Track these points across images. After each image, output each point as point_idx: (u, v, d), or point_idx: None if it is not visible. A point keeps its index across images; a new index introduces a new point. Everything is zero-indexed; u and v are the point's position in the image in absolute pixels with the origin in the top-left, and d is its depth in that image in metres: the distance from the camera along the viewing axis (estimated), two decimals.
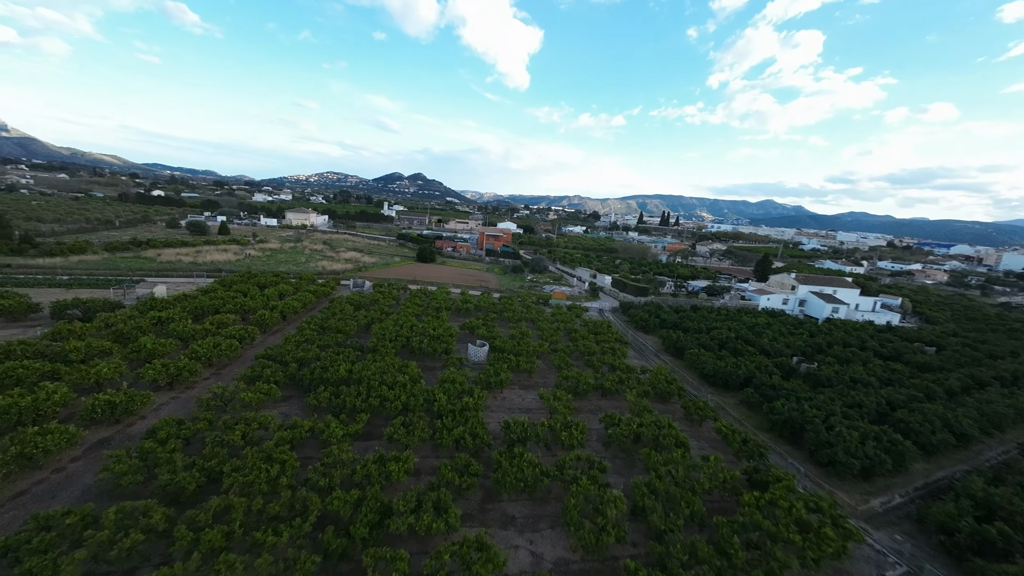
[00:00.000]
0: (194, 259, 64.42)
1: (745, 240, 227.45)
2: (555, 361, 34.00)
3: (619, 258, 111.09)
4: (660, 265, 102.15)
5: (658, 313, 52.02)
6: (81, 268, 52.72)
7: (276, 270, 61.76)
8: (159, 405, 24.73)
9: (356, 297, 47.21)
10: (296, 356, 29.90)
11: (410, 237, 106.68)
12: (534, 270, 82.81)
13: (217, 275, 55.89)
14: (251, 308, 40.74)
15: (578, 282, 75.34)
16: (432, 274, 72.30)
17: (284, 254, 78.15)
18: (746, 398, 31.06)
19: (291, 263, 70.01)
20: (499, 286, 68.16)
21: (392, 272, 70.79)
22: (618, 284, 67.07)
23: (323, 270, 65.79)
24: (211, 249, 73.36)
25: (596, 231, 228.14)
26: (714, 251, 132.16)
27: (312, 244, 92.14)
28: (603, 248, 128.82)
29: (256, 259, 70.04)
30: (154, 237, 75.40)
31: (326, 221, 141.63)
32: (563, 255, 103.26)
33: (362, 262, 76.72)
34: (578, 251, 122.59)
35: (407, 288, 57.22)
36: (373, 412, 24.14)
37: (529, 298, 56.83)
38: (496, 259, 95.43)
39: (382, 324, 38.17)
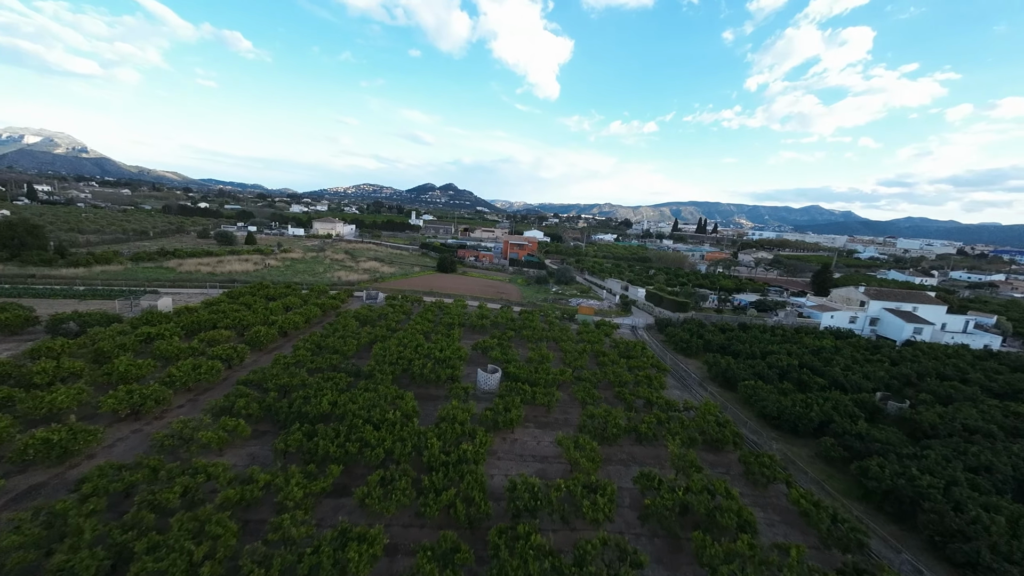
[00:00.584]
0: (213, 269, 63.85)
1: (792, 248, 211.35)
2: (578, 394, 28.58)
3: (653, 268, 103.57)
4: (699, 276, 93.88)
5: (701, 333, 45.33)
6: (101, 278, 52.60)
7: (290, 281, 59.93)
8: (115, 441, 21.48)
9: (364, 312, 43.76)
10: (279, 382, 26.22)
11: (432, 246, 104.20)
12: (560, 281, 77.43)
13: (230, 286, 54.48)
14: (250, 323, 37.97)
15: (608, 295, 69.23)
16: (451, 285, 68.55)
17: (304, 264, 77.01)
18: (824, 450, 24.36)
19: (308, 273, 68.36)
20: (521, 299, 63.32)
21: (409, 283, 67.62)
22: (653, 298, 60.54)
23: (338, 281, 63.48)
24: (233, 259, 73.15)
25: (628, 239, 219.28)
26: (759, 260, 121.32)
27: (334, 254, 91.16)
28: (635, 257, 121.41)
29: (274, 269, 68.92)
30: (181, 247, 76.30)
31: (353, 231, 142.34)
32: (592, 265, 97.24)
33: (380, 272, 74.19)
34: (608, 260, 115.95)
35: (421, 301, 53.50)
36: (350, 461, 19.75)
37: (553, 313, 51.60)
38: (520, 269, 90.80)
39: (384, 344, 34.21)
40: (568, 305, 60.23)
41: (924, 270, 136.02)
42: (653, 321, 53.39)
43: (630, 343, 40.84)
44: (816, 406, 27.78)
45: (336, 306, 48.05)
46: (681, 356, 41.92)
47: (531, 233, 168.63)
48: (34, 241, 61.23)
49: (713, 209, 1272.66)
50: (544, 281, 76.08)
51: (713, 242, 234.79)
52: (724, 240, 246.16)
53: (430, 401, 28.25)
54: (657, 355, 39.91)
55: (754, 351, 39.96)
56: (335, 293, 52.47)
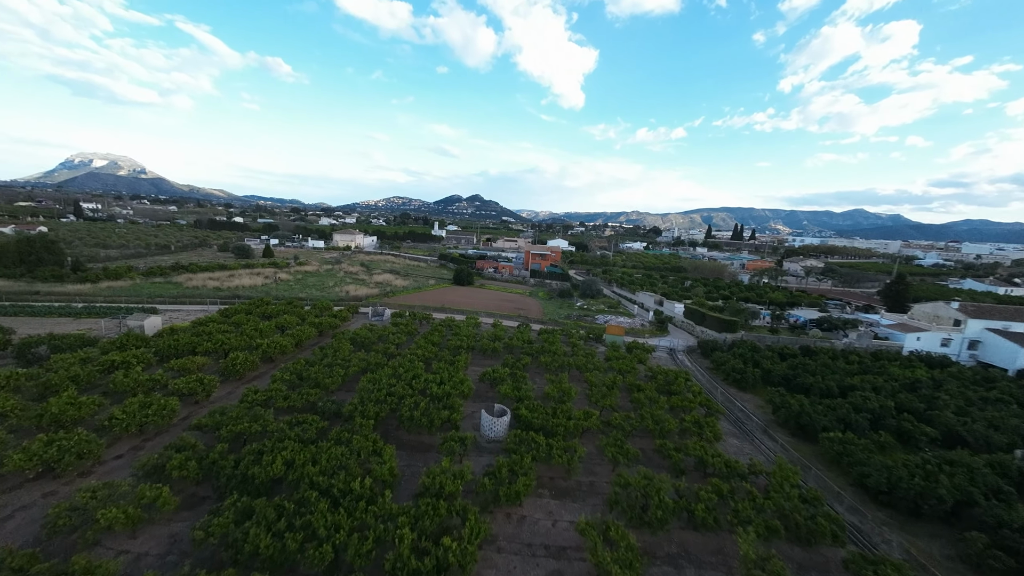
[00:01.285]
0: (221, 284, 61.56)
1: (841, 255, 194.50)
2: (608, 449, 22.13)
3: (689, 279, 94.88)
4: (742, 288, 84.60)
5: (756, 359, 37.71)
6: (105, 295, 50.81)
7: (296, 296, 56.55)
8: (15, 511, 17.00)
9: (363, 333, 38.99)
10: (235, 429, 21.34)
11: (451, 258, 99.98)
12: (585, 295, 70.76)
13: (232, 302, 51.53)
14: (233, 346, 33.88)
15: (640, 310, 61.97)
16: (466, 300, 63.39)
17: (316, 277, 74.15)
18: (975, 554, 16.77)
19: (318, 287, 65.11)
20: (542, 315, 57.21)
21: (422, 298, 62.97)
22: (694, 314, 52.94)
23: (346, 296, 59.62)
24: (245, 273, 71.15)
25: (658, 247, 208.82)
26: (810, 269, 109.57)
27: (349, 266, 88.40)
28: (668, 267, 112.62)
29: (284, 284, 66.12)
30: (196, 262, 75.26)
31: (373, 242, 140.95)
32: (620, 276, 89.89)
33: (392, 286, 70.11)
34: (638, 271, 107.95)
35: (430, 318, 48.46)
36: (286, 563, 14.27)
37: (577, 333, 45.24)
38: (542, 281, 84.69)
39: (375, 375, 29.05)
40: (594, 323, 53.57)
41: (1005, 278, 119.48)
42: (695, 343, 45.92)
43: (670, 373, 33.89)
44: (944, 476, 20.08)
45: (335, 325, 43.68)
46: (734, 390, 34.49)
47: (555, 242, 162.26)
48: (51, 257, 60.94)
49: (747, 215, 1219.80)
50: (568, 294, 69.63)
51: (751, 249, 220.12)
52: (764, 247, 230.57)
53: (419, 453, 22.65)
54: (705, 389, 32.74)
55: (828, 386, 32.09)
56: (339, 310, 48.33)
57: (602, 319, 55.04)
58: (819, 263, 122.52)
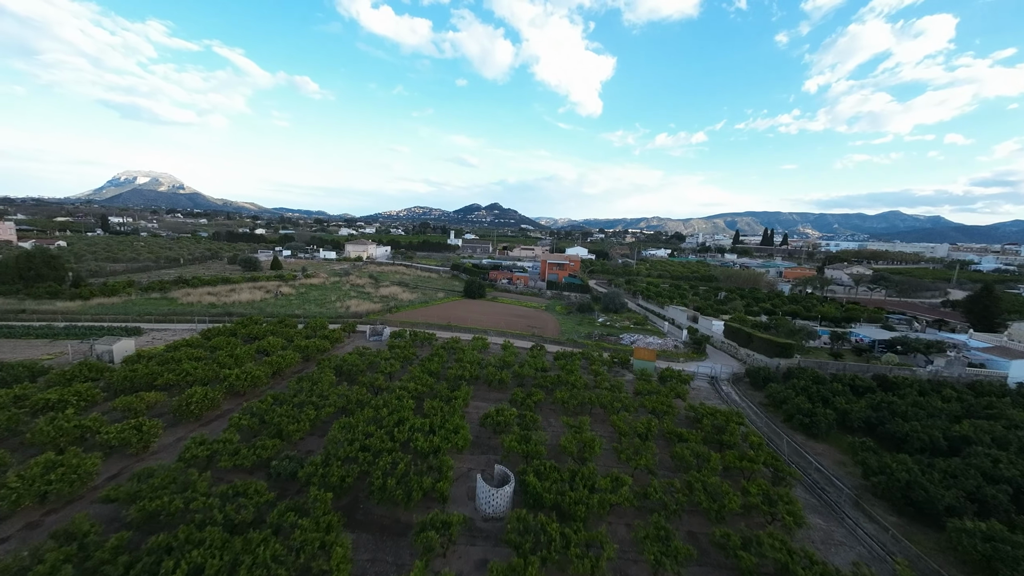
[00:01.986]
0: (218, 299, 58.22)
1: (885, 259, 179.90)
2: (649, 549, 15.78)
3: (722, 289, 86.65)
4: (784, 299, 75.97)
5: (824, 394, 30.48)
6: (91, 313, 47.86)
7: (293, 312, 52.45)
8: None
9: (352, 359, 33.91)
10: (151, 507, 16.22)
11: (463, 268, 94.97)
12: (608, 308, 64.11)
13: (225, 320, 47.81)
14: (199, 378, 29.31)
15: (671, 328, 54.91)
16: (475, 315, 57.89)
17: (320, 291, 70.34)
18: None
19: (318, 302, 61.06)
20: (559, 333, 51.08)
21: (427, 313, 57.84)
22: (737, 334, 45.69)
23: (346, 311, 55.10)
24: (247, 287, 67.99)
25: (683, 254, 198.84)
26: (858, 277, 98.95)
27: (357, 278, 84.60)
28: (697, 276, 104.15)
29: (284, 299, 62.40)
30: (200, 275, 72.81)
31: (386, 253, 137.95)
32: (646, 287, 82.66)
33: (398, 300, 65.42)
34: (664, 280, 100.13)
35: (433, 339, 43.14)
36: None
37: (599, 356, 38.97)
38: (560, 293, 78.38)
39: (352, 419, 23.72)
40: (619, 343, 47.03)
41: None
42: (741, 370, 38.79)
43: (718, 414, 27.21)
44: None
45: (325, 348, 38.81)
46: (802, 437, 27.40)
47: (573, 250, 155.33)
48: (51, 272, 59.06)
49: (773, 219, 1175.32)
50: (588, 309, 63.14)
51: (785, 255, 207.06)
52: (798, 253, 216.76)
53: (391, 539, 16.97)
54: (765, 438, 25.84)
55: (932, 436, 24.70)
56: (334, 329, 43.71)
57: (628, 339, 48.39)
58: (866, 270, 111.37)
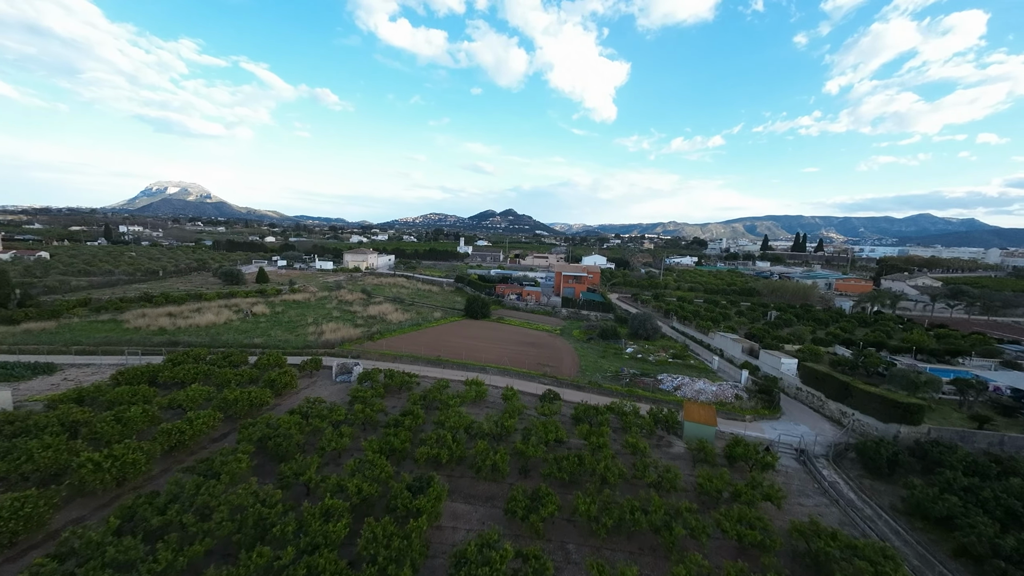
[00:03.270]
0: (174, 322, 49.41)
1: (940, 267, 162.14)
2: None
3: (769, 306, 74.01)
4: (849, 319, 63.08)
5: (1012, 506, 18.73)
6: (10, 342, 39.48)
7: (250, 341, 43.07)
8: None
9: (287, 425, 23.77)
10: None
11: (468, 280, 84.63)
12: (637, 334, 52.71)
13: (167, 349, 38.79)
14: (42, 465, 19.62)
15: (722, 363, 43.22)
16: (476, 342, 47.35)
17: (299, 309, 61.08)
18: None
19: (291, 325, 51.70)
20: (578, 368, 40.09)
21: (417, 340, 47.64)
22: (822, 381, 33.90)
23: (317, 339, 45.36)
24: (215, 305, 59.24)
25: (710, 262, 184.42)
26: (931, 290, 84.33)
27: (348, 292, 75.32)
28: (735, 289, 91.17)
29: (252, 321, 53.26)
30: (168, 291, 64.68)
31: (389, 262, 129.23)
32: (678, 305, 70.82)
33: (387, 321, 55.52)
34: (697, 294, 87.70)
35: (414, 382, 32.82)
36: None
37: (635, 414, 27.91)
38: (577, 312, 67.11)
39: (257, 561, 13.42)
40: (658, 387, 35.73)
41: None
42: (838, 436, 27.09)
43: (861, 547, 15.85)
44: None
45: (264, 402, 28.82)
46: None
47: (590, 259, 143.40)
48: None
49: (795, 223, 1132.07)
50: (612, 334, 51.77)
51: (822, 262, 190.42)
52: (837, 260, 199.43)
53: None
54: None
55: None
56: (289, 368, 33.91)
57: (669, 381, 36.96)
58: (933, 281, 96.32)
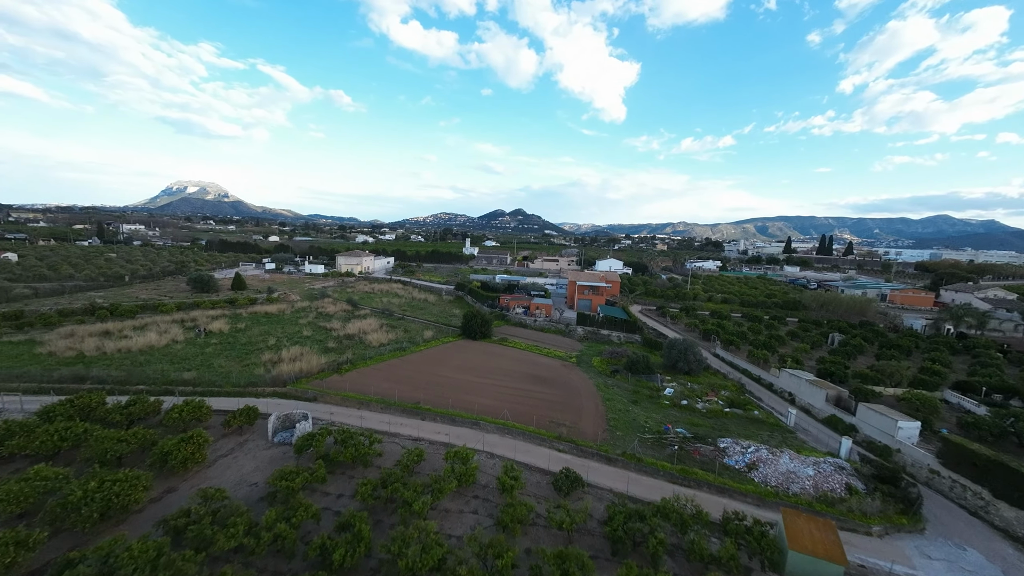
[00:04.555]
0: (102, 345, 40.26)
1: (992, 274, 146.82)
2: None
3: (822, 323, 62.42)
4: (931, 343, 51.37)
5: None
6: None
7: (179, 378, 33.54)
8: None
9: (141, 554, 13.87)
10: None
11: (469, 288, 74.43)
12: (675, 366, 41.97)
13: (74, 386, 29.54)
14: None
15: (798, 415, 32.30)
16: (471, 376, 37.15)
17: (267, 325, 51.63)
18: None
19: (248, 348, 42.31)
20: (603, 421, 29.58)
21: (399, 372, 37.64)
22: (980, 466, 23.22)
23: (266, 373, 35.64)
24: (166, 321, 50.16)
25: (735, 267, 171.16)
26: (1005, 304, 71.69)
27: (333, 302, 65.87)
28: (776, 302, 79.03)
29: (204, 342, 43.95)
30: (120, 303, 55.90)
31: (387, 265, 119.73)
32: (716, 324, 59.65)
33: (366, 343, 45.74)
34: (732, 306, 76.20)
35: (372, 451, 22.77)
36: None
37: (697, 516, 17.33)
38: (595, 332, 56.35)
39: None
40: (726, 467, 25.07)
41: None
42: None
43: None
44: None
45: (132, 501, 19.05)
46: None
47: (605, 264, 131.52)
48: None
49: (808, 224, 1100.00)
50: (642, 367, 41.01)
51: (853, 267, 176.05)
52: (870, 264, 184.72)
53: None
54: None
55: None
56: (229, 415, 24.25)
57: (736, 451, 26.20)
58: (1007, 294, 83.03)
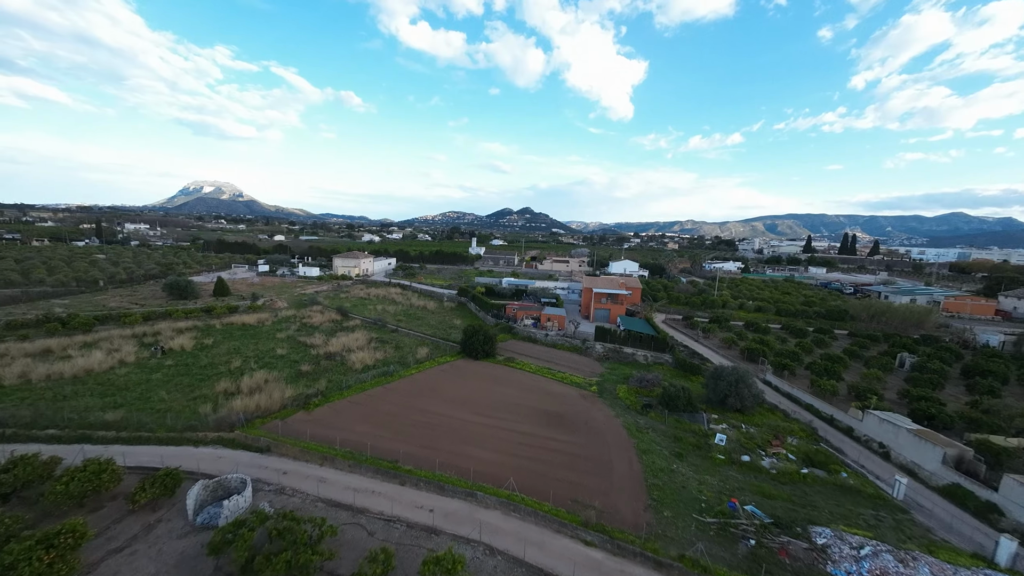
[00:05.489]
0: (30, 369, 33.83)
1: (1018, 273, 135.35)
2: None
3: (877, 337, 54.09)
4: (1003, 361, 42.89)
5: None
6: None
7: (97, 419, 26.83)
8: None
9: None
10: None
11: (472, 295, 67.21)
12: (722, 401, 34.22)
13: None
14: None
15: (912, 486, 24.60)
16: (469, 412, 29.91)
17: (238, 340, 44.98)
18: None
19: (205, 373, 35.62)
20: (642, 488, 22.15)
21: (379, 404, 30.57)
22: None
23: (206, 419, 28.81)
24: (124, 335, 43.85)
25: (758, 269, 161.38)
26: None
27: (321, 312, 59.09)
28: (815, 310, 70.50)
29: (157, 364, 37.36)
30: (78, 312, 49.70)
31: (387, 267, 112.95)
32: (758, 342, 51.59)
33: (349, 363, 38.83)
34: (766, 315, 67.99)
35: (327, 553, 15.65)
36: None
37: None
38: (618, 349, 48.48)
39: None
40: (813, 562, 17.52)
41: None
42: None
43: None
44: None
45: None
46: None
47: (620, 265, 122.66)
48: None
49: (818, 221, 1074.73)
50: (682, 402, 33.23)
51: (882, 268, 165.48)
52: (896, 265, 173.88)
53: None
54: None
55: None
56: (142, 484, 17.38)
57: (843, 556, 18.65)
58: None
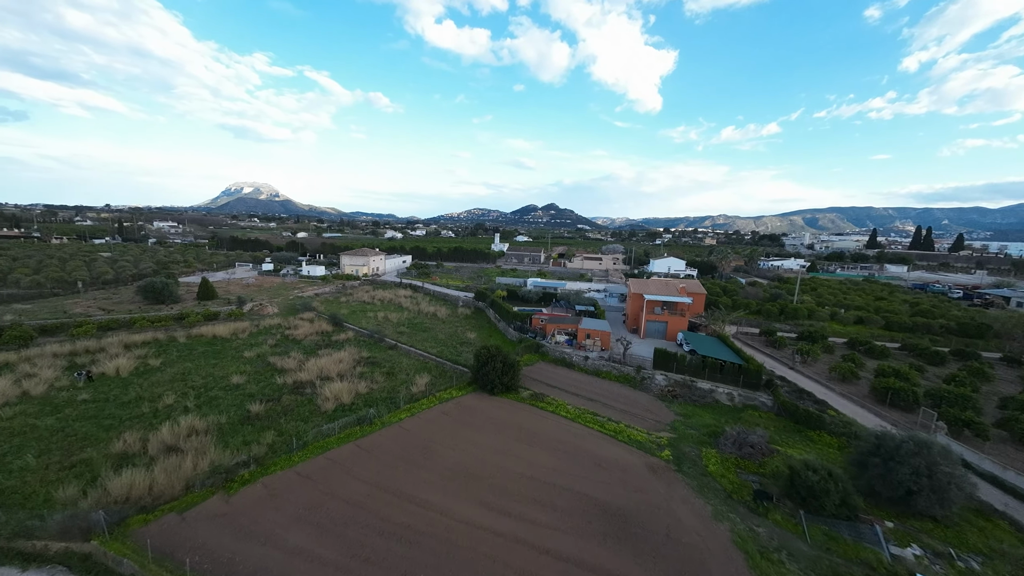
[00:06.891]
0: None
1: None
2: None
3: None
4: None
5: None
6: None
7: None
8: None
9: None
10: None
11: (491, 300, 55.77)
12: (904, 499, 20.69)
13: None
14: None
15: None
16: (475, 491, 18.00)
17: (198, 360, 35.47)
18: None
19: (123, 416, 25.92)
20: None
21: (349, 478, 19.70)
22: None
23: (57, 523, 18.81)
24: (59, 353, 35.29)
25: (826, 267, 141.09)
26: None
27: (311, 320, 49.42)
28: (941, 325, 53.69)
29: (68, 398, 28.08)
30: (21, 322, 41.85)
31: (401, 265, 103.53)
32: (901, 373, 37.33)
33: (320, 399, 28.37)
34: (869, 327, 52.81)
35: None
36: None
37: None
38: (688, 383, 35.44)
39: None
40: None
41: None
42: None
43: None
44: None
45: None
46: None
47: (663, 263, 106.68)
48: None
49: (863, 215, 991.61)
50: (831, 501, 20.51)
51: (973, 265, 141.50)
52: (988, 262, 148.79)
53: None
54: None
55: None
56: None
57: None
58: None
